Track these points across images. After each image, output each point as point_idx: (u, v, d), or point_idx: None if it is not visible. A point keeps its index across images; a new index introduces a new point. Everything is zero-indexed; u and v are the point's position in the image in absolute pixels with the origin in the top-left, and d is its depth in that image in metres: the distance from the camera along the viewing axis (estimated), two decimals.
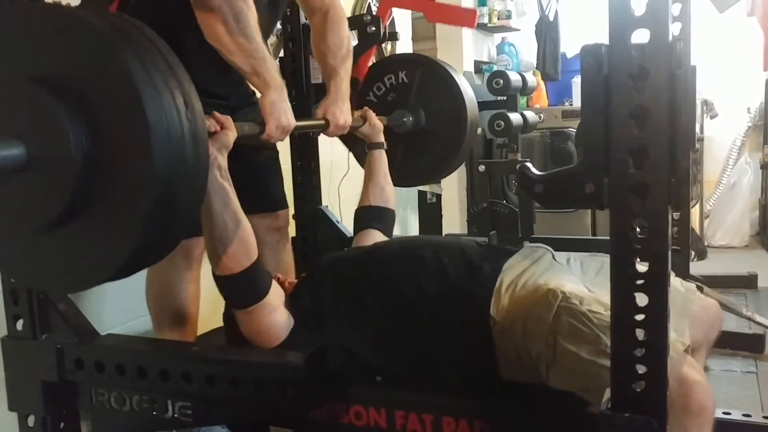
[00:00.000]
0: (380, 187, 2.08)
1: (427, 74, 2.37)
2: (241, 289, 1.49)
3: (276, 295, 1.51)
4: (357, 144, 2.41)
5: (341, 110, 1.92)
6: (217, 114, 1.44)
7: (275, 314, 1.50)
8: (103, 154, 1.08)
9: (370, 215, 2.04)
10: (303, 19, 2.40)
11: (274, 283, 1.53)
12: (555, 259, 1.62)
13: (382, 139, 2.16)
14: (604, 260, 1.57)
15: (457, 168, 2.65)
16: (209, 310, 2.49)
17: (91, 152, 1.08)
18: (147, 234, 1.10)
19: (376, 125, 2.13)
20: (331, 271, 1.66)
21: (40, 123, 1.09)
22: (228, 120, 1.46)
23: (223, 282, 1.48)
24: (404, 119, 2.32)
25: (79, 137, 1.07)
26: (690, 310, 1.48)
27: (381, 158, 2.14)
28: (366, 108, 2.15)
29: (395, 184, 2.16)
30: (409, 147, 2.37)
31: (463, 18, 2.45)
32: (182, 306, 1.96)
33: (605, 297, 1.36)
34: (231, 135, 1.46)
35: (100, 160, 1.08)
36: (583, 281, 1.50)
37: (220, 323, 1.70)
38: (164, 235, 1.17)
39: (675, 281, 1.54)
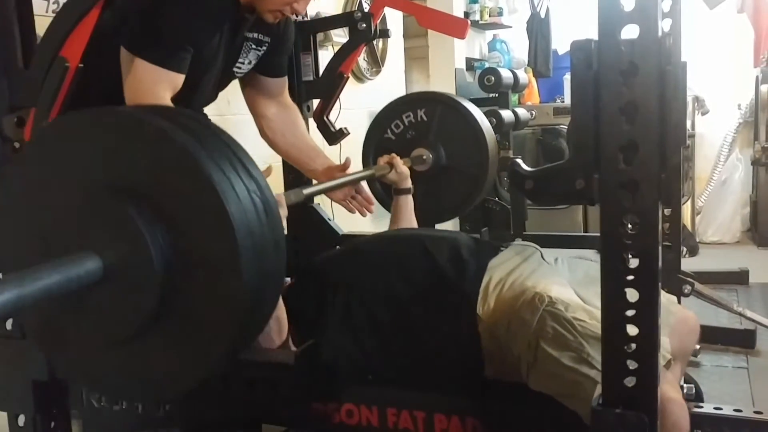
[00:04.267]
0: None
1: (447, 112, 2.38)
2: None
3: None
4: (374, 183, 2.40)
5: None
6: None
7: None
8: (186, 261, 1.02)
9: None
10: (293, 16, 2.40)
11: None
12: (543, 259, 1.62)
13: (409, 184, 2.16)
14: (590, 263, 1.58)
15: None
16: None
17: (172, 259, 1.01)
18: (235, 340, 1.06)
19: (403, 171, 2.14)
20: (323, 270, 1.66)
21: (113, 231, 1.03)
22: (281, 197, 1.46)
23: None
24: (424, 157, 2.33)
25: (158, 244, 1.00)
26: (670, 322, 1.49)
27: (407, 203, 2.15)
28: (393, 155, 2.16)
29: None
30: (430, 185, 2.36)
31: (454, 27, 2.45)
32: None
33: (592, 298, 1.37)
34: (283, 213, 1.44)
35: (182, 267, 1.02)
36: (570, 282, 1.51)
37: None
38: (255, 326, 1.13)
39: None
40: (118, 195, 1.02)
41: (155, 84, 1.57)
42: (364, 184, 2.18)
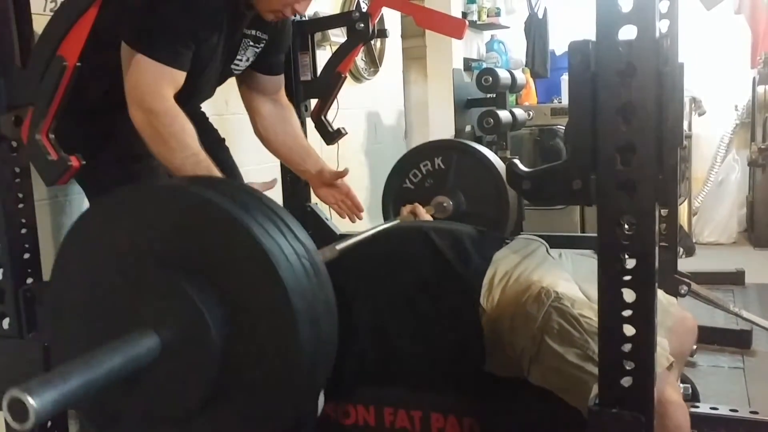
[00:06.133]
0: None
1: (463, 159, 2.41)
2: None
3: None
4: None
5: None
6: None
7: None
8: (243, 333, 1.01)
9: None
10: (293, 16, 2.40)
11: None
12: (548, 253, 1.62)
13: None
14: (594, 260, 1.58)
15: None
16: None
17: (229, 332, 1.00)
18: (300, 397, 1.05)
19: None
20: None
21: (173, 308, 1.01)
22: None
23: None
24: (445, 204, 2.34)
25: (216, 317, 0.99)
26: (668, 323, 1.49)
27: None
28: (416, 204, 2.17)
29: None
30: None
31: (452, 28, 2.45)
32: None
33: (596, 295, 1.37)
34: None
35: (240, 339, 1.01)
36: (575, 278, 1.51)
37: None
38: (315, 390, 1.13)
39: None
40: (173, 270, 1.01)
41: (159, 82, 1.56)
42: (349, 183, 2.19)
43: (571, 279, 1.49)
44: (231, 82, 2.03)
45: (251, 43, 1.87)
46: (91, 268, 1.10)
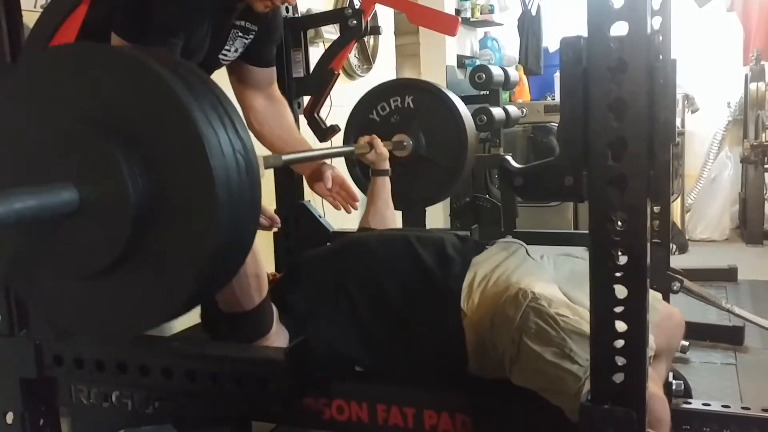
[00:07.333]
0: (381, 213, 2.11)
1: (434, 103, 2.40)
2: (250, 326, 1.47)
3: (276, 320, 1.50)
4: (354, 167, 2.43)
5: None
6: None
7: (276, 341, 1.50)
8: (162, 197, 1.02)
9: None
10: (284, 12, 2.39)
11: (274, 307, 1.52)
12: (529, 255, 1.63)
13: (387, 166, 2.18)
14: (576, 260, 1.59)
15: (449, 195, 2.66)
16: None
17: (148, 195, 1.01)
18: (206, 279, 1.06)
19: (382, 153, 2.16)
20: (312, 266, 1.66)
21: (93, 165, 1.03)
22: (258, 158, 1.43)
23: (230, 319, 1.45)
24: (405, 143, 2.35)
25: (135, 179, 1.00)
26: (654, 318, 1.50)
27: (384, 185, 2.16)
28: (373, 135, 2.18)
29: None
30: (406, 171, 2.37)
31: (445, 25, 2.46)
32: None
33: (577, 295, 1.38)
34: (261, 173, 1.42)
35: (158, 203, 1.02)
36: (555, 279, 1.52)
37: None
38: (221, 277, 1.14)
39: None
40: (102, 130, 1.02)
41: None
42: (347, 176, 2.19)
43: (551, 280, 1.51)
44: (222, 72, 2.02)
45: (240, 34, 1.86)
46: (19, 120, 1.11)
